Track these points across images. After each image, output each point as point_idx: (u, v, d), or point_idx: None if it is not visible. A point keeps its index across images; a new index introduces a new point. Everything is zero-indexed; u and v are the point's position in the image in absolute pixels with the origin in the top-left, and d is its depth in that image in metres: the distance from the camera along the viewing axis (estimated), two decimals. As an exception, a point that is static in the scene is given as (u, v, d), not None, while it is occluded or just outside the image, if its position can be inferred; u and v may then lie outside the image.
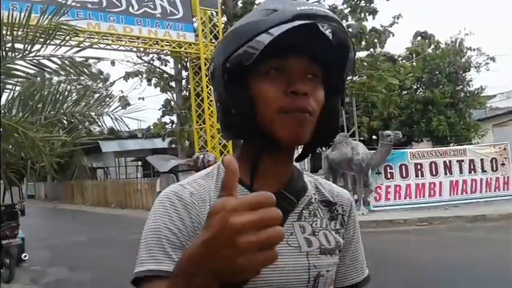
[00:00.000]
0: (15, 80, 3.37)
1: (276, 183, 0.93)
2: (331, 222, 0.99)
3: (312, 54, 0.88)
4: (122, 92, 20.96)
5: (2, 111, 3.34)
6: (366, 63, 15.31)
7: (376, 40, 15.34)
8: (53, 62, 3.16)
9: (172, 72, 18.99)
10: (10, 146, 3.16)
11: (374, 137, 17.10)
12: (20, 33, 2.97)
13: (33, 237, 9.84)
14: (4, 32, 2.86)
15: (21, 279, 7.37)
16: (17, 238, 7.54)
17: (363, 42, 15.25)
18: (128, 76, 19.76)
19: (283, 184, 0.94)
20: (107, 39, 11.00)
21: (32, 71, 3.38)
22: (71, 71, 3.66)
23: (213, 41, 13.57)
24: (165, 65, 19.80)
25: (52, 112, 3.67)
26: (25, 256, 7.92)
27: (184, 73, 18.38)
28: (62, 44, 3.43)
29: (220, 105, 0.91)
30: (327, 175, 12.26)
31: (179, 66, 18.08)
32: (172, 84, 18.98)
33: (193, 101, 14.38)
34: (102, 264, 7.19)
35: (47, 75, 4.09)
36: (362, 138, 17.14)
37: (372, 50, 16.22)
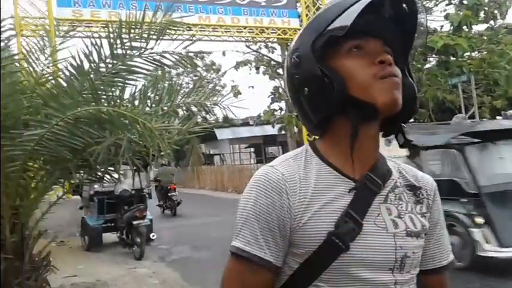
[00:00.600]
0: (136, 75, 3.71)
1: (365, 165, 0.96)
2: (416, 206, 1.01)
3: (383, 36, 0.95)
4: (233, 81, 21.83)
5: (126, 104, 3.72)
6: (485, 37, 13.94)
7: (496, 11, 13.85)
8: (165, 57, 3.42)
9: (279, 59, 19.21)
10: (133, 136, 3.51)
11: (498, 117, 15.53)
12: (137, 31, 3.27)
13: (160, 219, 10.70)
14: (123, 30, 3.19)
15: (150, 257, 8.01)
16: (146, 219, 8.26)
17: (481, 14, 13.86)
18: (238, 66, 20.50)
19: (370, 167, 0.97)
20: (216, 31, 11.51)
21: (150, 67, 3.69)
22: (184, 64, 3.91)
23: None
24: (272, 52, 20.11)
25: (168, 103, 3.99)
26: (153, 236, 8.69)
27: (291, 59, 18.47)
28: (174, 39, 3.68)
29: (309, 89, 0.94)
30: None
31: (285, 52, 18.22)
32: (280, 71, 19.22)
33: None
34: (219, 244, 7.61)
35: (167, 69, 4.42)
36: (483, 120, 15.69)
37: (491, 22, 14.71)
